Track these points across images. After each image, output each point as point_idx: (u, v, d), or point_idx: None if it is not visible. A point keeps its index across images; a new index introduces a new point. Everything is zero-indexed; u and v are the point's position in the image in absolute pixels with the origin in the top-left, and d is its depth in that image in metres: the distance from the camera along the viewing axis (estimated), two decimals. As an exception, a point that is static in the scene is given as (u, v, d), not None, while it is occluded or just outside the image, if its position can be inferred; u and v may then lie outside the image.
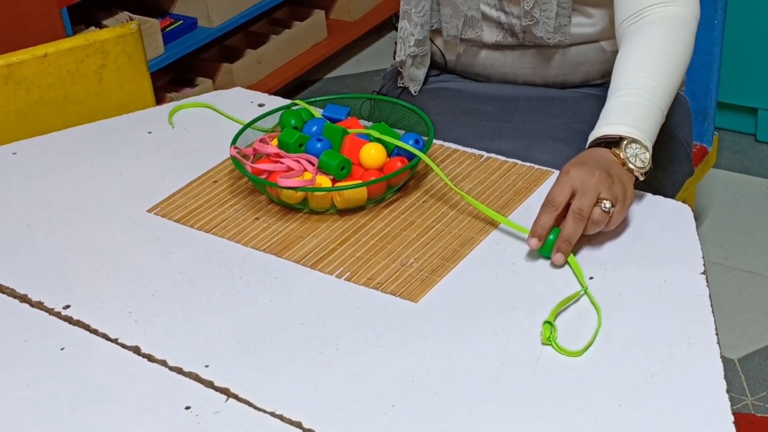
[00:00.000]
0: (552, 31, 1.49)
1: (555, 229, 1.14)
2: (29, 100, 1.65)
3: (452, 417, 0.94)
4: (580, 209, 1.13)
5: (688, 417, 0.92)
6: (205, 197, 1.32)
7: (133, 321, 1.10)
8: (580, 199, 1.13)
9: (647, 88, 1.25)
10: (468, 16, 1.53)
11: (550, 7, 1.46)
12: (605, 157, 1.19)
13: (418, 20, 1.55)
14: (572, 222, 1.13)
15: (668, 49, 1.30)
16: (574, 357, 1.00)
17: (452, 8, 1.54)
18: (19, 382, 1.03)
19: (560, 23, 1.49)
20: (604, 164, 1.17)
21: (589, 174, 1.14)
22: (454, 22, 1.55)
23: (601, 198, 1.13)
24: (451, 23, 1.56)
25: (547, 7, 1.46)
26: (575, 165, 1.17)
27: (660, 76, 1.27)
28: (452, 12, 1.54)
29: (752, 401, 1.96)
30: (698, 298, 1.07)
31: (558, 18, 1.48)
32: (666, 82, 1.27)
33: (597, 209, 1.13)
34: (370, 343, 1.04)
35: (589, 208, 1.13)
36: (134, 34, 1.71)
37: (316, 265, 1.17)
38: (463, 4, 1.52)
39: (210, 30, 2.88)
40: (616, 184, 1.15)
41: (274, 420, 0.95)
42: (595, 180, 1.14)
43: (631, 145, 1.20)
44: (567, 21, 1.49)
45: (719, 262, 2.32)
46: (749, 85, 2.64)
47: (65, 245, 1.25)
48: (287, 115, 1.37)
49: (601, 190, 1.14)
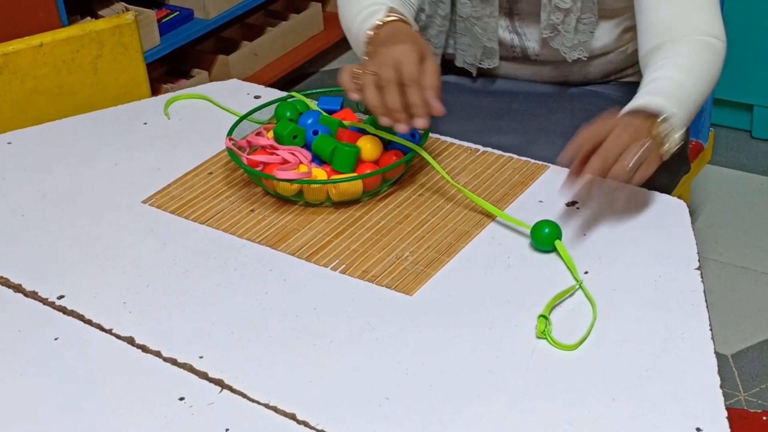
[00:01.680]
0: (570, 47, 1.47)
1: (551, 223, 1.14)
2: (24, 90, 1.65)
3: (446, 410, 0.94)
4: (620, 134, 1.15)
5: (681, 412, 0.92)
6: (200, 189, 1.32)
7: (127, 312, 1.10)
8: (621, 129, 1.15)
9: (683, 84, 1.26)
10: (487, 47, 1.51)
11: (570, 21, 1.44)
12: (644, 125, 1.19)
13: (433, 50, 1.53)
14: (611, 141, 1.14)
15: (701, 62, 1.31)
16: (569, 351, 1.00)
17: (471, 38, 1.52)
18: (13, 372, 1.03)
19: (580, 40, 1.46)
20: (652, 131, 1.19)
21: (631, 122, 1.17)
22: (472, 51, 1.53)
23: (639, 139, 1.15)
24: (468, 52, 1.54)
25: (568, 20, 1.44)
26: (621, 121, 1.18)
27: (693, 79, 1.28)
28: (471, 41, 1.52)
29: (745, 397, 1.97)
30: (693, 293, 1.07)
31: (578, 35, 1.46)
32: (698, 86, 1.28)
33: (635, 143, 1.14)
34: (364, 335, 1.04)
35: (630, 139, 1.14)
36: (130, 25, 1.71)
37: (311, 258, 1.17)
38: (482, 35, 1.50)
39: (206, 21, 2.87)
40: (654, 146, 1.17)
41: (268, 411, 0.95)
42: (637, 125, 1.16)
43: (666, 121, 1.20)
44: (588, 37, 1.46)
45: (714, 258, 2.32)
46: (745, 82, 2.65)
47: (60, 235, 1.24)
48: (282, 107, 1.37)
49: (641, 135, 1.16)
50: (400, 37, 1.25)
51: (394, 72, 1.18)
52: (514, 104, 1.55)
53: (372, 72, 1.20)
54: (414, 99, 1.18)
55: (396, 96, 1.18)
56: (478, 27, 1.48)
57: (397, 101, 1.18)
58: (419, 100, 1.18)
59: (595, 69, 1.55)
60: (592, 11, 1.44)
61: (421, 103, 1.18)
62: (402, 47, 1.20)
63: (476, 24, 1.48)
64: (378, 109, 1.19)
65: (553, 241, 1.14)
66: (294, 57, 3.16)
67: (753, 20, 2.57)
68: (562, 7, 1.42)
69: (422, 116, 1.18)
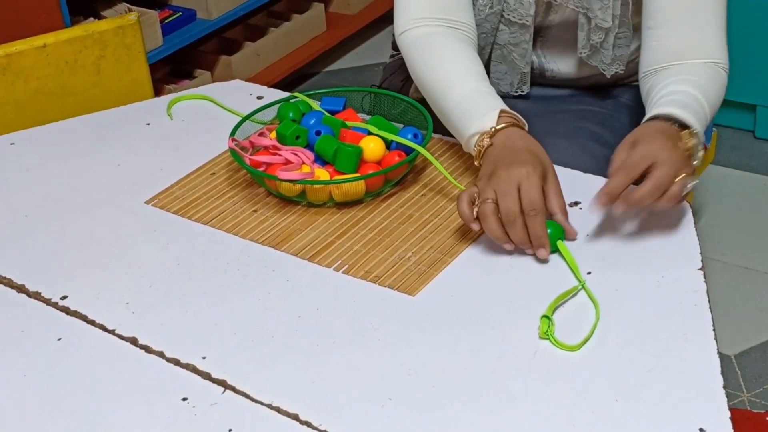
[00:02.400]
0: (608, 63, 1.44)
1: (552, 223, 1.14)
2: (27, 91, 1.65)
3: (449, 410, 0.94)
4: (662, 180, 1.11)
5: (684, 412, 0.92)
6: (203, 189, 1.32)
7: (130, 312, 1.10)
8: (663, 170, 1.11)
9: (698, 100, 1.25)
10: (524, 72, 1.48)
11: (609, 38, 1.41)
12: (677, 137, 1.17)
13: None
14: (650, 188, 1.11)
15: (708, 85, 1.29)
16: (572, 351, 1.00)
17: (508, 65, 1.48)
18: (16, 372, 1.03)
19: (617, 54, 1.44)
20: (681, 144, 1.16)
21: (672, 149, 1.14)
22: (509, 79, 1.50)
23: (680, 174, 1.13)
24: (504, 80, 1.50)
25: (608, 38, 1.42)
26: (657, 135, 1.15)
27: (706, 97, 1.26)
28: (508, 69, 1.49)
29: (748, 397, 1.96)
30: (695, 294, 1.07)
31: (615, 50, 1.43)
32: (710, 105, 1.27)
33: (678, 185, 1.12)
34: (367, 336, 1.04)
35: (670, 181, 1.12)
36: (133, 26, 1.71)
37: (314, 258, 1.17)
38: (520, 61, 1.47)
39: (209, 22, 2.87)
40: (689, 166, 1.15)
41: (271, 412, 0.95)
42: (679, 155, 1.13)
43: (697, 137, 1.19)
44: (625, 51, 1.44)
45: (717, 258, 2.32)
46: (748, 82, 2.64)
47: (63, 236, 1.24)
48: (285, 108, 1.37)
49: (682, 167, 1.13)
50: (519, 155, 1.17)
51: (516, 203, 1.12)
52: (518, 105, 1.54)
53: (492, 200, 1.13)
54: (536, 230, 1.12)
55: (521, 231, 1.12)
56: (516, 53, 1.46)
57: (523, 236, 1.12)
58: (542, 231, 1.12)
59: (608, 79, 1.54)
60: (627, 26, 1.42)
61: (544, 234, 1.12)
62: (523, 171, 1.14)
63: (514, 51, 1.46)
64: (503, 240, 1.13)
65: (555, 241, 1.14)
66: (296, 57, 3.16)
67: (757, 20, 2.57)
68: (603, 27, 1.40)
69: (545, 247, 1.12)
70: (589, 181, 1.26)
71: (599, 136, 1.47)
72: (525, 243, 1.12)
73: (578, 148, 1.43)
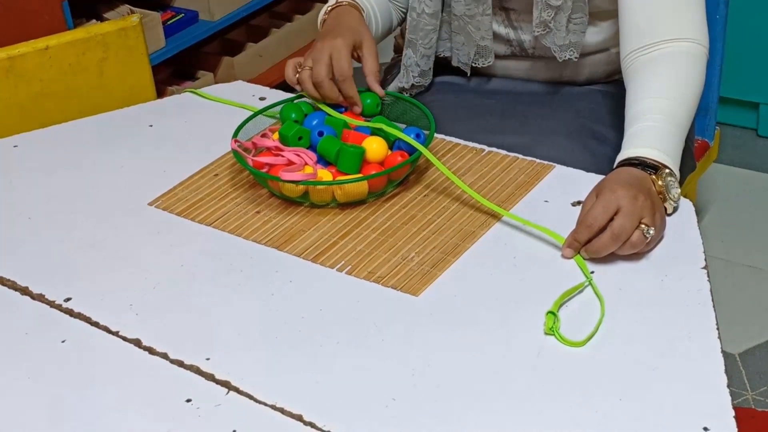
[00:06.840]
0: (560, 46, 1.45)
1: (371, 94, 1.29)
2: (30, 93, 1.65)
3: (453, 411, 0.94)
4: (621, 230, 1.11)
5: (688, 411, 0.92)
6: (206, 190, 1.32)
7: (133, 314, 1.10)
8: (623, 220, 1.11)
9: (674, 117, 1.24)
10: (481, 45, 1.50)
11: (560, 19, 1.43)
12: (646, 181, 1.16)
13: (424, 51, 1.53)
14: (608, 239, 1.11)
15: (686, 80, 1.28)
16: (577, 347, 1.00)
17: (466, 37, 1.51)
18: (20, 374, 1.03)
19: (571, 40, 1.45)
20: (647, 189, 1.15)
21: (635, 197, 1.12)
22: (466, 50, 1.52)
23: (643, 222, 1.12)
24: (462, 51, 1.53)
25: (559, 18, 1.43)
26: (620, 184, 1.14)
27: (683, 107, 1.26)
28: (465, 40, 1.51)
29: (753, 396, 1.96)
30: (699, 292, 1.07)
31: (569, 35, 1.44)
32: (687, 113, 1.26)
33: (638, 233, 1.11)
34: (370, 336, 1.04)
35: (631, 230, 1.11)
36: (135, 27, 1.71)
37: (317, 259, 1.17)
38: (475, 33, 1.49)
39: (211, 23, 2.87)
40: (658, 212, 1.14)
41: (275, 413, 0.96)
42: (640, 204, 1.12)
43: (670, 176, 1.18)
44: (580, 38, 1.45)
45: (720, 256, 2.32)
46: (751, 80, 2.64)
47: (66, 238, 1.25)
48: (287, 109, 1.37)
49: (644, 215, 1.12)
50: (338, 30, 1.37)
51: (326, 69, 1.33)
52: (518, 104, 1.54)
53: (309, 67, 1.35)
54: (347, 92, 1.34)
55: (331, 91, 1.33)
56: (471, 25, 1.48)
57: (332, 95, 1.34)
58: (352, 92, 1.34)
59: (590, 68, 1.54)
60: (582, 11, 1.43)
61: (354, 95, 1.34)
62: (335, 43, 1.34)
63: (469, 22, 1.48)
64: (318, 99, 1.36)
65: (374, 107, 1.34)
66: (299, 58, 3.15)
67: (759, 18, 2.56)
68: (552, 5, 1.41)
69: (357, 104, 1.34)
70: (590, 179, 1.26)
71: (600, 134, 1.47)
72: (334, 100, 1.34)
73: (579, 146, 1.43)
